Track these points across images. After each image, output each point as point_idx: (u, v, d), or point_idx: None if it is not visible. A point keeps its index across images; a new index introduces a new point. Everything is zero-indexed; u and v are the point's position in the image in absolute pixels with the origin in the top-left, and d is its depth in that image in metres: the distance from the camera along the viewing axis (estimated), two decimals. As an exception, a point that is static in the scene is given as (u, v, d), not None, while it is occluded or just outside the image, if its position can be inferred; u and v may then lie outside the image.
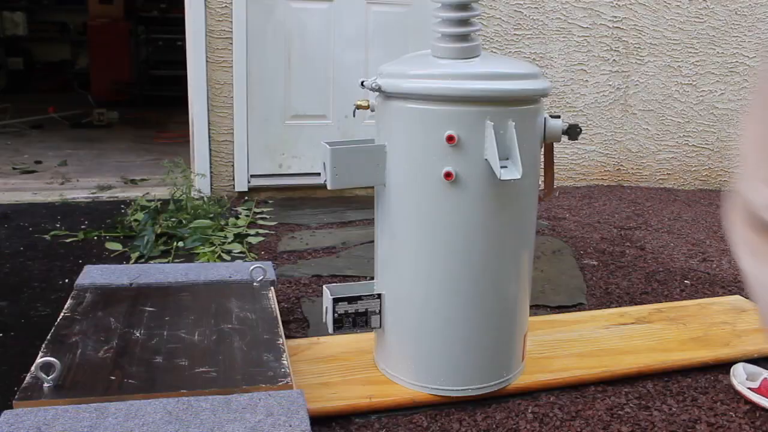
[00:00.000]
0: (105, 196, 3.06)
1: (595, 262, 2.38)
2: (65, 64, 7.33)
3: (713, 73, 3.64)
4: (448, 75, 1.30)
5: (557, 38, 3.43)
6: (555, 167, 3.56)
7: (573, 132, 1.41)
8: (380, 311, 1.47)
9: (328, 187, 1.37)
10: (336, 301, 1.44)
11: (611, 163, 3.65)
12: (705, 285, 2.20)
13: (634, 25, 3.50)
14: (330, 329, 1.46)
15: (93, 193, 3.08)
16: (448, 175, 1.30)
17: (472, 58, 1.35)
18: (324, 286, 1.48)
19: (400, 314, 1.44)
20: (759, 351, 1.65)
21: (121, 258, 2.26)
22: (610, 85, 3.55)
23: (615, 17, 3.47)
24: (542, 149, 1.45)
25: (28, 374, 1.28)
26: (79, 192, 3.09)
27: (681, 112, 3.66)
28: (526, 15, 3.37)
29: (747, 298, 2.09)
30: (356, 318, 1.46)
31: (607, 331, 1.74)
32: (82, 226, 2.59)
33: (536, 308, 1.97)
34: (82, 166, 3.67)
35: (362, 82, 1.39)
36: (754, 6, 3.59)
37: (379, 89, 1.35)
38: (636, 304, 2.02)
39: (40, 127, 4.86)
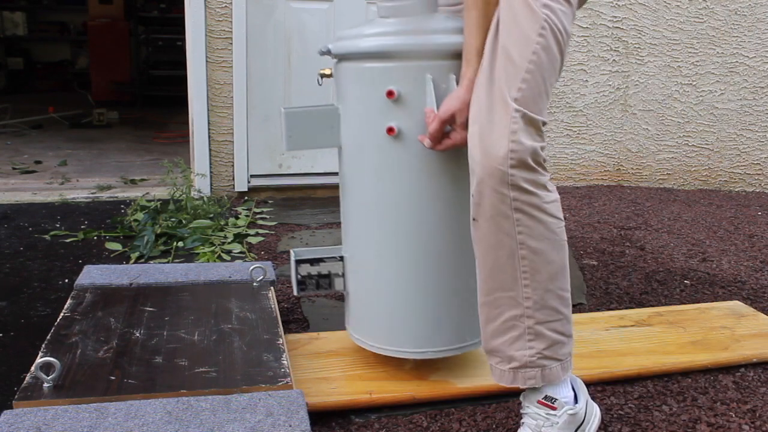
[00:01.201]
0: (105, 196, 3.06)
1: (595, 262, 2.38)
2: (65, 64, 7.34)
3: (713, 73, 3.64)
4: (386, 33, 1.31)
5: (557, 38, 3.43)
6: (556, 167, 3.56)
7: None
8: (344, 274, 1.48)
9: (284, 149, 1.40)
10: (299, 262, 1.46)
11: (611, 163, 3.66)
12: (705, 285, 2.20)
13: (634, 25, 3.50)
14: (294, 291, 1.48)
15: (93, 193, 3.08)
16: (390, 130, 1.31)
17: (416, 15, 1.34)
18: (291, 249, 1.50)
19: (359, 276, 1.45)
20: (758, 356, 1.65)
21: (121, 258, 2.26)
22: (610, 85, 3.55)
23: (615, 17, 3.47)
24: None
25: (28, 374, 1.28)
26: (79, 192, 3.10)
27: (681, 112, 3.66)
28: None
29: (746, 301, 2.10)
30: (319, 280, 1.48)
31: (606, 333, 1.74)
32: (82, 226, 2.59)
33: (536, 308, 1.97)
34: (82, 166, 3.67)
35: (319, 50, 1.43)
36: (754, 6, 3.59)
37: (329, 52, 1.38)
38: (636, 304, 2.02)
39: (40, 127, 4.86)
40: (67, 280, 2.04)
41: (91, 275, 1.78)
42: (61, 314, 1.56)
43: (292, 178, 3.24)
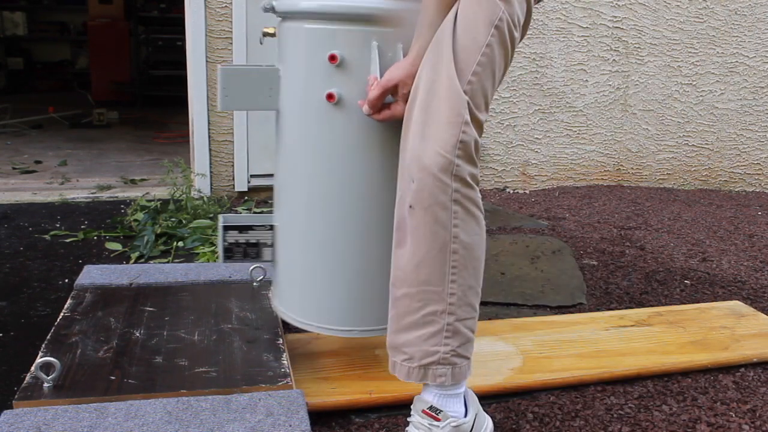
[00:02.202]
0: (105, 196, 3.06)
1: (595, 262, 2.38)
2: (65, 64, 7.34)
3: (713, 73, 3.64)
4: None
5: (557, 38, 3.43)
6: (556, 166, 3.56)
7: None
8: (273, 244, 1.43)
9: (219, 109, 1.35)
10: (226, 228, 1.41)
11: (611, 163, 3.65)
12: (705, 285, 2.20)
13: (634, 25, 3.50)
14: (220, 258, 1.43)
15: (93, 193, 3.08)
16: (330, 96, 1.25)
17: None
18: (220, 215, 1.46)
19: (288, 246, 1.40)
20: (758, 356, 1.65)
21: (121, 258, 2.26)
22: (610, 85, 3.55)
23: (615, 17, 3.47)
24: None
25: (28, 374, 1.28)
26: (79, 192, 3.10)
27: (681, 112, 3.66)
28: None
29: (746, 301, 2.10)
30: (247, 249, 1.42)
31: (606, 333, 1.74)
32: (82, 226, 2.59)
33: (536, 308, 1.97)
34: (82, 166, 3.67)
35: (261, 6, 1.37)
36: (754, 6, 3.59)
37: (272, 9, 1.32)
38: (636, 304, 2.02)
39: (40, 127, 4.86)
40: (67, 280, 2.04)
41: (91, 275, 1.78)
42: (61, 314, 1.56)
43: (292, 178, 3.24)
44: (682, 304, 2.01)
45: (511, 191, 3.52)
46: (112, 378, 1.29)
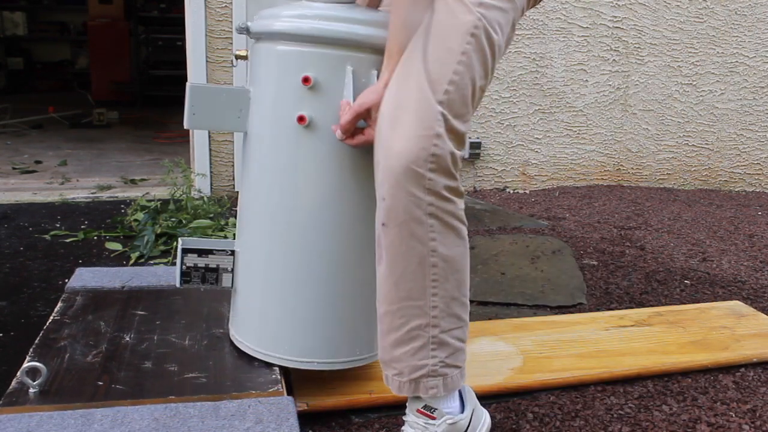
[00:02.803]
0: (105, 196, 3.06)
1: (595, 262, 2.38)
2: (65, 64, 7.34)
3: (713, 73, 3.64)
4: (306, 16, 1.23)
5: (557, 38, 3.43)
6: (556, 166, 3.56)
7: None
8: (233, 270, 1.39)
9: (185, 126, 1.31)
10: (185, 252, 1.36)
11: (611, 163, 3.65)
12: (705, 285, 2.20)
13: (634, 25, 3.50)
14: (177, 282, 1.38)
15: (93, 193, 3.08)
16: (301, 119, 1.23)
17: (348, 2, 1.27)
18: (179, 237, 1.42)
19: (248, 273, 1.36)
20: (758, 356, 1.65)
21: (122, 258, 2.26)
22: (610, 85, 3.55)
23: (615, 17, 3.47)
24: None
25: (14, 379, 1.25)
26: (79, 192, 3.10)
27: (681, 112, 3.66)
28: (526, 15, 3.37)
29: (746, 301, 2.09)
30: (206, 273, 1.38)
31: (606, 333, 1.74)
32: (82, 226, 2.59)
33: (536, 308, 1.97)
34: (82, 166, 3.67)
35: (235, 27, 1.36)
36: (754, 6, 3.59)
37: (247, 30, 1.30)
38: (636, 304, 2.02)
39: (40, 127, 4.86)
40: (67, 280, 2.04)
41: (83, 278, 1.76)
42: (51, 317, 1.54)
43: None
44: (682, 304, 2.01)
45: (511, 191, 3.52)
46: (100, 383, 1.26)
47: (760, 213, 3.24)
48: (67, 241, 2.42)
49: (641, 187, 3.67)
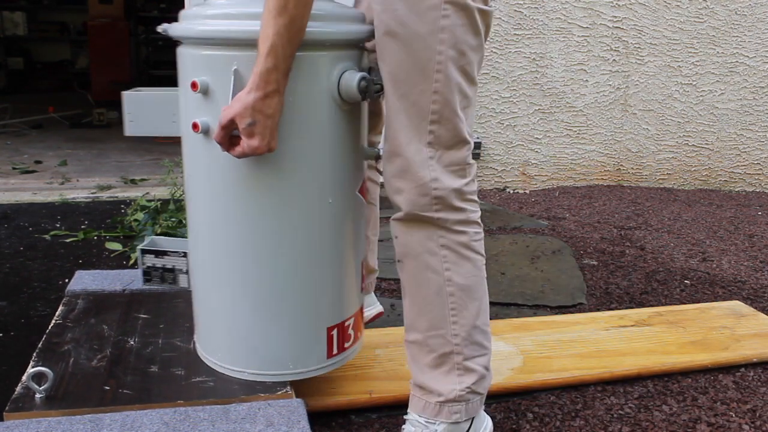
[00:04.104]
0: (105, 196, 3.06)
1: (595, 262, 2.38)
2: (65, 64, 7.34)
3: (713, 73, 3.64)
4: (207, 15, 1.15)
5: (557, 38, 3.43)
6: (556, 166, 3.56)
7: (371, 90, 1.16)
8: (188, 271, 1.38)
9: (125, 134, 1.32)
10: (143, 252, 1.39)
11: (611, 163, 3.65)
12: (705, 285, 2.20)
13: (634, 25, 3.50)
14: (140, 282, 1.43)
15: (93, 193, 3.08)
16: (194, 126, 1.15)
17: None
18: (147, 236, 1.45)
19: (193, 278, 1.34)
20: (758, 356, 1.65)
21: (122, 258, 2.26)
22: (610, 85, 3.55)
23: (615, 17, 3.47)
24: (360, 109, 1.26)
25: (20, 384, 1.24)
26: (79, 192, 3.09)
27: (681, 112, 3.66)
28: (526, 15, 3.37)
29: (746, 301, 2.10)
30: (165, 274, 1.41)
31: (606, 333, 1.74)
32: (82, 226, 2.59)
33: (536, 308, 1.97)
34: (82, 166, 3.67)
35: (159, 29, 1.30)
36: (754, 6, 3.59)
37: (165, 33, 1.25)
38: (636, 304, 2.02)
39: (40, 127, 4.85)
40: (67, 280, 2.04)
41: (83, 281, 1.75)
42: (53, 321, 1.53)
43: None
44: (682, 304, 2.01)
45: (511, 191, 3.52)
46: (107, 388, 1.25)
47: (760, 213, 3.24)
48: (67, 241, 2.42)
49: (641, 187, 3.67)
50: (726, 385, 1.55)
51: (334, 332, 1.29)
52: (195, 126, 1.15)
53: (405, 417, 1.24)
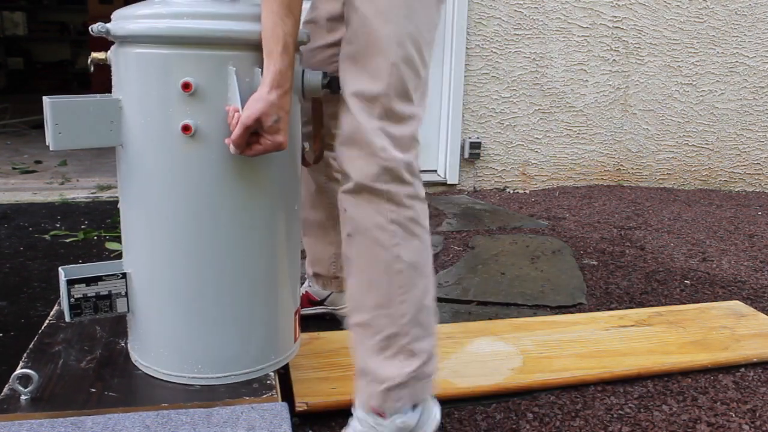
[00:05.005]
0: (105, 195, 3.06)
1: (595, 262, 2.38)
2: (65, 64, 7.34)
3: (713, 73, 3.64)
4: (181, 14, 1.12)
5: (557, 38, 3.43)
6: (556, 166, 3.56)
7: (334, 85, 1.20)
8: (127, 293, 1.30)
9: (51, 148, 1.17)
10: (71, 283, 1.25)
11: (611, 163, 3.66)
12: (705, 285, 2.20)
13: (634, 25, 3.50)
14: (67, 317, 1.27)
15: (93, 193, 3.08)
16: (185, 128, 1.14)
17: None
18: (60, 268, 1.28)
19: (145, 294, 1.29)
20: (758, 356, 1.65)
21: (121, 258, 2.26)
22: (610, 85, 3.55)
23: (615, 17, 3.47)
24: (310, 106, 1.34)
25: (6, 386, 1.24)
26: (79, 192, 3.10)
27: (681, 112, 3.66)
28: (526, 15, 3.37)
29: (746, 301, 2.10)
30: (98, 302, 1.28)
31: (606, 333, 1.74)
32: (82, 226, 2.59)
33: (536, 308, 1.97)
34: (82, 166, 3.67)
35: (90, 28, 1.22)
36: (754, 6, 3.59)
37: (107, 33, 1.18)
38: (636, 304, 2.02)
39: (40, 127, 4.86)
40: (67, 280, 2.04)
41: None
42: (46, 322, 1.53)
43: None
44: (682, 304, 2.01)
45: (511, 191, 3.52)
46: (93, 390, 1.24)
47: (760, 213, 3.24)
48: (67, 241, 2.42)
49: (641, 187, 3.68)
50: (726, 385, 1.55)
51: (295, 316, 1.38)
52: (186, 128, 1.14)
53: (353, 412, 1.21)
